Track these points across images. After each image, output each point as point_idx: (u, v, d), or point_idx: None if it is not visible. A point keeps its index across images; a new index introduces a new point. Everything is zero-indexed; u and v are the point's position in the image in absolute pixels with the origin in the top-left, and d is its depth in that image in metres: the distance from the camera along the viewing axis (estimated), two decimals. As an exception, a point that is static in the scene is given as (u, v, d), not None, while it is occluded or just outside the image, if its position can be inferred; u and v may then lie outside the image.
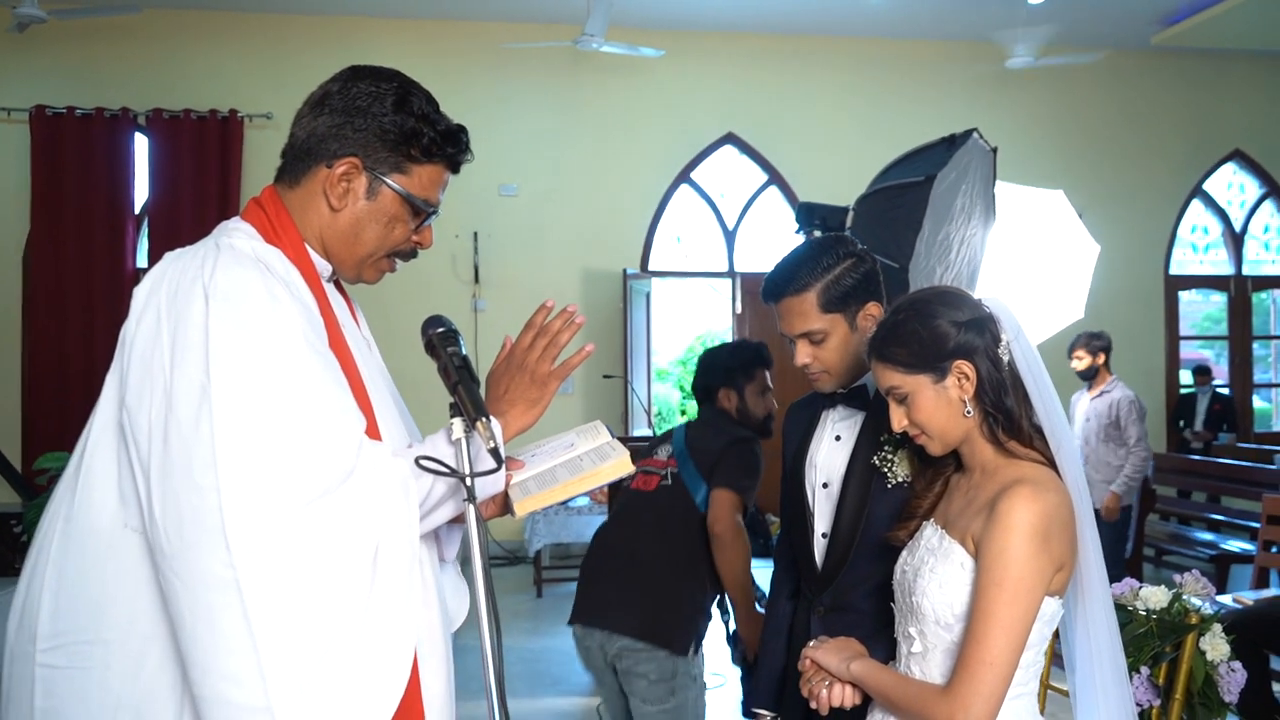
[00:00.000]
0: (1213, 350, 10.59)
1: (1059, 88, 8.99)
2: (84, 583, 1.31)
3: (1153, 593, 2.37)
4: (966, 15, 8.17)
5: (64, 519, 1.34)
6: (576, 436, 1.57)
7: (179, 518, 1.22)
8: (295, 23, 8.08)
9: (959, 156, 3.73)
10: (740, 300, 8.78)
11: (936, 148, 3.93)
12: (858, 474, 1.87)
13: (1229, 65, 9.38)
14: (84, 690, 1.29)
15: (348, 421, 1.31)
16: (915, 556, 1.60)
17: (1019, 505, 1.46)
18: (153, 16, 7.68)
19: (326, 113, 1.45)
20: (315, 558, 1.23)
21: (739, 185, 8.93)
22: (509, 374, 1.51)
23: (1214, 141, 9.48)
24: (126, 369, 1.31)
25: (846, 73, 8.83)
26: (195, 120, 7.87)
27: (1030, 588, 1.45)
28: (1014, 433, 1.57)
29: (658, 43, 7.72)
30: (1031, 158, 8.73)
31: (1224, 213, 9.73)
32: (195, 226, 7.52)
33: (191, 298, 1.29)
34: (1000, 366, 1.58)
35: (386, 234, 1.48)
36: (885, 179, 4.08)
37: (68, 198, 7.67)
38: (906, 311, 1.62)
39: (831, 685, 1.63)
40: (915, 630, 1.58)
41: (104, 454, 1.33)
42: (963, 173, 3.76)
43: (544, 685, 5.04)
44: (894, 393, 1.61)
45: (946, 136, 3.92)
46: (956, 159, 3.72)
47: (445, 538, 1.58)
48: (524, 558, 7.70)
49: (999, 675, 1.44)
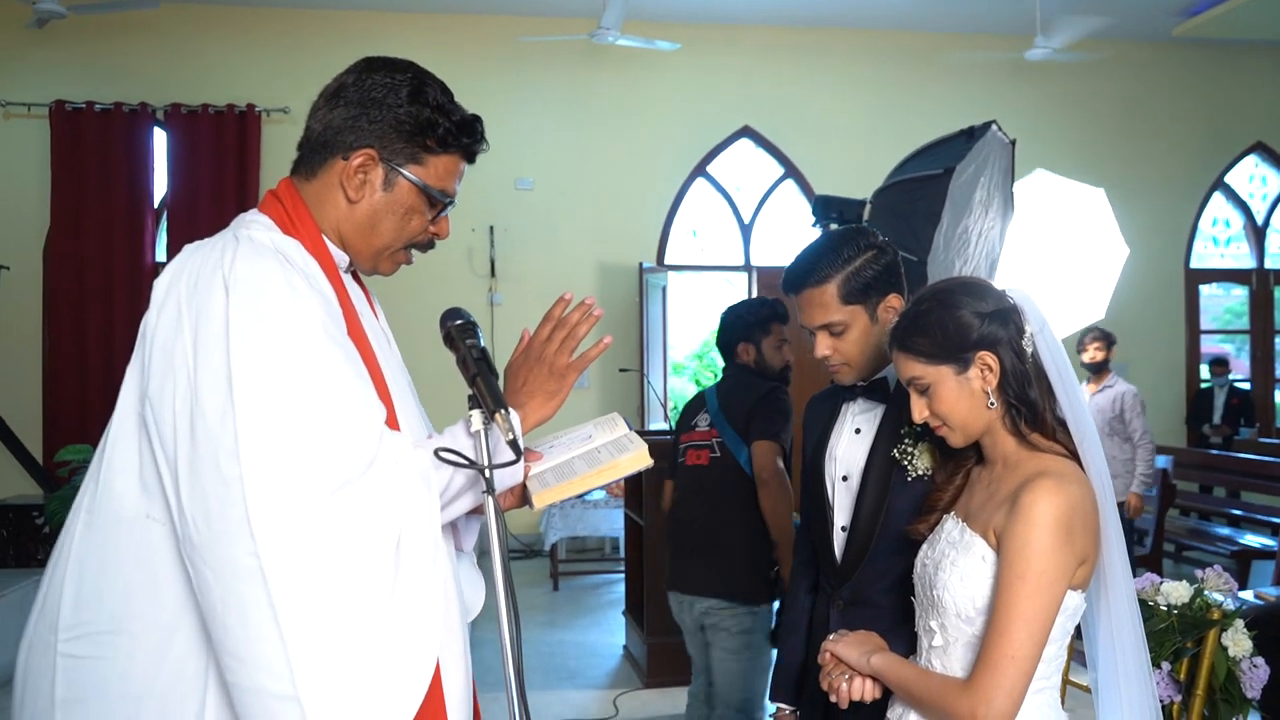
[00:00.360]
0: (1234, 344, 10.49)
1: (1078, 80, 8.92)
2: (106, 573, 1.32)
3: (1174, 588, 2.35)
4: (985, 7, 8.11)
5: (85, 510, 1.35)
6: (594, 429, 1.56)
7: (206, 509, 1.23)
8: (312, 17, 8.11)
9: (978, 149, 3.70)
10: (756, 293, 8.74)
11: (955, 140, 3.90)
12: (877, 467, 1.86)
13: (1250, 57, 9.28)
14: (106, 680, 1.29)
15: (369, 411, 1.31)
16: (936, 550, 1.59)
17: (1042, 498, 1.45)
18: (170, 11, 7.71)
19: (342, 105, 1.45)
20: (339, 547, 1.23)
21: (755, 179, 8.90)
22: (527, 366, 1.51)
23: (1235, 134, 9.39)
24: (148, 361, 1.31)
25: (863, 65, 8.79)
26: (213, 115, 7.90)
27: (1053, 581, 1.44)
28: (1037, 425, 1.56)
29: (674, 35, 7.70)
30: (1051, 151, 8.65)
31: (1245, 205, 9.63)
32: (214, 220, 7.53)
33: (212, 290, 1.29)
34: (1024, 358, 1.56)
35: (404, 225, 1.48)
36: (903, 171, 4.05)
37: (87, 192, 7.72)
38: (930, 301, 1.60)
39: (852, 679, 1.62)
40: (936, 624, 1.57)
41: (125, 445, 1.33)
42: (981, 165, 3.73)
43: (561, 678, 5.06)
44: (915, 383, 1.59)
45: (965, 129, 3.89)
46: (975, 151, 3.69)
47: (463, 528, 1.58)
48: (540, 551, 7.72)
49: (1021, 669, 1.43)
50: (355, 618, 1.23)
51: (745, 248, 8.93)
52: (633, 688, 4.86)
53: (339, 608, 1.22)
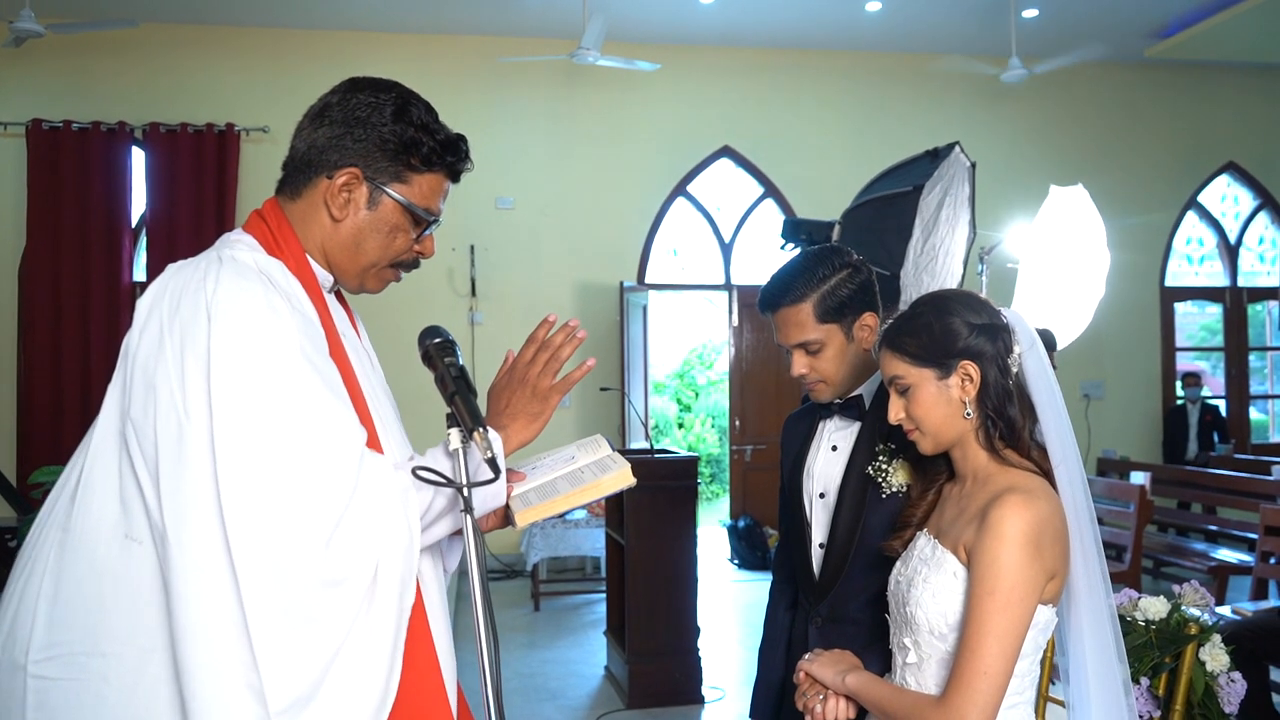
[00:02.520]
0: (1209, 361, 10.61)
1: (1054, 100, 9.03)
2: (83, 594, 1.31)
3: (1151, 603, 2.36)
4: (962, 29, 8.21)
5: (59, 528, 1.34)
6: (578, 450, 1.57)
7: (188, 535, 1.24)
8: (292, 37, 8.11)
9: (943, 168, 3.80)
10: (737, 313, 8.78)
11: (921, 160, 4.00)
12: (853, 483, 1.87)
13: (1222, 77, 9.43)
14: (79, 702, 1.28)
15: (349, 436, 1.31)
16: (909, 567, 1.60)
17: (1010, 513, 1.46)
18: (150, 30, 7.70)
19: (326, 124, 1.45)
20: (321, 589, 1.25)
21: (735, 198, 8.95)
22: (510, 388, 1.51)
23: (1208, 153, 9.52)
24: (130, 382, 1.31)
25: (842, 86, 8.87)
26: (192, 134, 7.88)
27: (1023, 596, 1.45)
28: (1013, 442, 1.58)
29: (654, 56, 7.75)
30: (1027, 170, 8.77)
31: (1219, 224, 9.76)
32: (192, 240, 7.54)
33: (196, 315, 1.30)
34: (1008, 375, 1.58)
35: (388, 244, 1.49)
36: (871, 191, 4.14)
37: (65, 212, 7.67)
38: (925, 305, 1.64)
39: (826, 699, 1.63)
40: (910, 641, 1.58)
41: (105, 463, 1.33)
42: (947, 184, 3.83)
43: (542, 699, 5.02)
44: (897, 383, 1.61)
45: (930, 150, 3.99)
46: (941, 170, 3.79)
47: (446, 550, 1.58)
48: (522, 571, 7.68)
49: (994, 684, 1.44)
50: (323, 646, 1.25)
51: (726, 267, 8.96)
52: (614, 709, 4.83)
53: (308, 640, 1.24)
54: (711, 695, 4.96)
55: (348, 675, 1.26)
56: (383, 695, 1.29)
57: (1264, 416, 10.50)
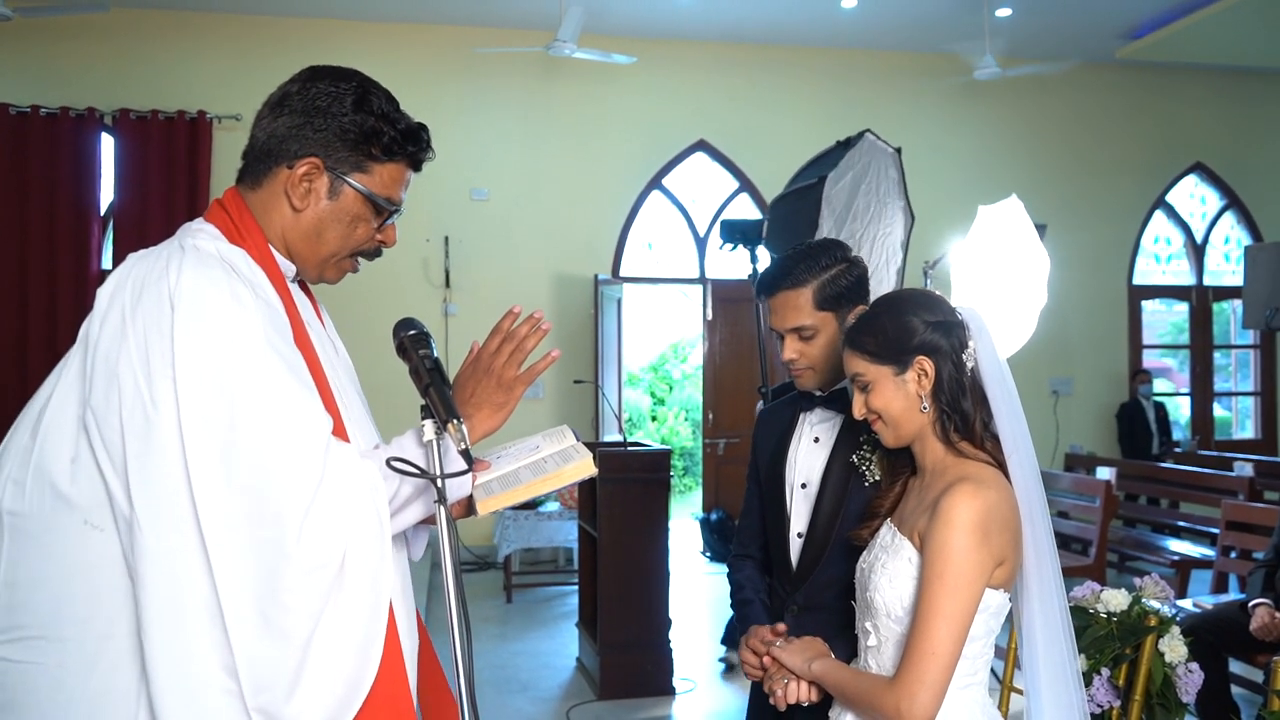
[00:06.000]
0: (1175, 359, 10.76)
1: (1026, 99, 9.12)
2: (41, 579, 1.30)
3: (1113, 596, 2.41)
4: (935, 27, 8.26)
5: (7, 512, 1.33)
6: (542, 440, 1.59)
7: (159, 522, 1.25)
8: (265, 24, 8.03)
9: (851, 157, 3.87)
10: (711, 306, 8.81)
11: (833, 151, 4.07)
12: (835, 474, 1.93)
13: (1190, 79, 9.56)
14: (37, 685, 1.29)
15: (314, 425, 1.32)
16: (871, 555, 1.67)
17: (959, 501, 1.53)
18: (120, 16, 7.61)
19: (286, 113, 1.45)
20: (293, 576, 1.26)
21: (710, 192, 8.97)
22: (475, 378, 1.52)
23: (1176, 154, 9.65)
24: (91, 370, 1.31)
25: (817, 82, 8.90)
26: (163, 121, 7.80)
27: (970, 580, 1.51)
28: (967, 434, 1.64)
29: (630, 50, 7.75)
30: (999, 168, 8.86)
31: (1186, 224, 9.90)
32: (162, 228, 7.44)
33: (160, 305, 1.29)
34: (962, 370, 1.64)
35: (349, 233, 1.49)
36: (792, 184, 4.21)
37: (32, 198, 7.56)
38: (882, 305, 1.71)
39: (789, 683, 1.70)
40: (870, 625, 1.64)
41: (58, 447, 1.32)
42: (861, 173, 3.88)
43: (513, 690, 5.03)
44: (858, 379, 1.68)
45: (843, 139, 4.04)
46: (849, 160, 3.87)
47: (411, 538, 1.59)
48: (494, 563, 7.68)
49: (942, 665, 1.50)
50: (292, 634, 1.25)
51: (700, 260, 8.99)
52: (585, 700, 4.85)
53: (277, 627, 1.25)
54: (682, 687, 4.99)
55: (322, 662, 1.26)
56: (357, 681, 1.30)
57: (1228, 414, 10.67)
